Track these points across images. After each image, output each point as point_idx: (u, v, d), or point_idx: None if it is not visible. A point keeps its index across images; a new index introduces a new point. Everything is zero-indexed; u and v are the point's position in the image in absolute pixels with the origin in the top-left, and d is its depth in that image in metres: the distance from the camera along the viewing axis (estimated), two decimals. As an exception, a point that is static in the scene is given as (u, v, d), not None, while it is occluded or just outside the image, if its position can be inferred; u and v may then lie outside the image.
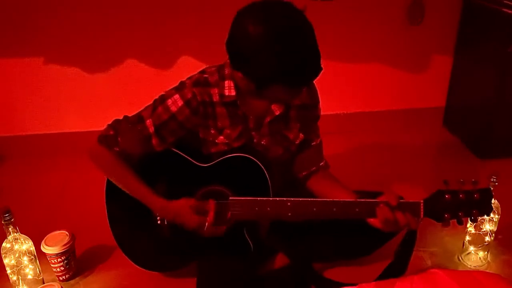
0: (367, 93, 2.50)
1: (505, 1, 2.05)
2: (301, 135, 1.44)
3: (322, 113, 1.51)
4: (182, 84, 1.33)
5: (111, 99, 2.30)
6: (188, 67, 2.23)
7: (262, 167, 1.30)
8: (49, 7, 2.08)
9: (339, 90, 2.45)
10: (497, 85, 2.13)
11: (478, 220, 1.45)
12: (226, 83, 1.31)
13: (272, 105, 1.36)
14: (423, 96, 2.55)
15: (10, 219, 1.36)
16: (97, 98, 2.30)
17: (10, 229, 1.38)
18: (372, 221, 1.26)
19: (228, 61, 1.32)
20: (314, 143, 1.48)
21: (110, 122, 1.36)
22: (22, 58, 2.17)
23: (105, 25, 2.16)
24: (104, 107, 2.30)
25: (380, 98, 2.53)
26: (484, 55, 2.23)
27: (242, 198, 1.29)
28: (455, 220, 1.21)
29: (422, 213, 1.21)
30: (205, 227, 1.29)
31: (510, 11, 2.01)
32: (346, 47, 2.37)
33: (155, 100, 1.34)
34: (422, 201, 1.21)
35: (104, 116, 2.17)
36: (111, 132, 1.33)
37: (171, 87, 1.35)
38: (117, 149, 1.32)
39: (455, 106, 2.53)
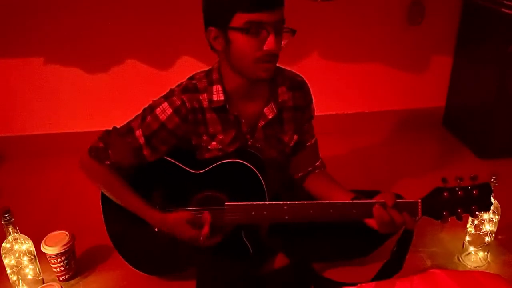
0: (367, 93, 2.51)
1: (505, 1, 2.05)
2: (295, 137, 1.44)
3: (322, 113, 1.51)
4: (171, 91, 1.33)
5: (111, 99, 2.31)
6: (187, 67, 2.23)
7: (256, 171, 1.29)
8: (49, 7, 2.08)
9: (339, 90, 2.45)
10: (497, 85, 2.13)
11: (478, 216, 1.45)
12: (214, 88, 1.30)
13: (265, 109, 1.35)
14: (423, 96, 2.56)
15: (10, 219, 1.36)
16: (97, 98, 2.30)
17: (10, 229, 1.38)
18: (369, 222, 1.26)
19: (215, 65, 1.32)
20: (309, 143, 1.48)
21: (99, 134, 1.34)
22: (22, 58, 2.18)
23: (105, 25, 2.16)
24: (104, 107, 2.30)
25: (380, 98, 2.53)
26: (484, 55, 2.23)
27: (238, 203, 1.28)
28: (454, 216, 1.20)
29: (420, 212, 1.21)
30: (201, 239, 1.29)
31: (510, 11, 2.01)
32: (346, 47, 2.37)
33: (144, 109, 1.33)
34: (420, 200, 1.20)
35: (104, 116, 2.19)
36: (101, 145, 1.31)
37: (170, 87, 1.35)
38: (108, 162, 1.31)
39: (455, 106, 2.53)
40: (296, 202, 1.25)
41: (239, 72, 1.26)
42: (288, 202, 1.25)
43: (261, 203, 1.27)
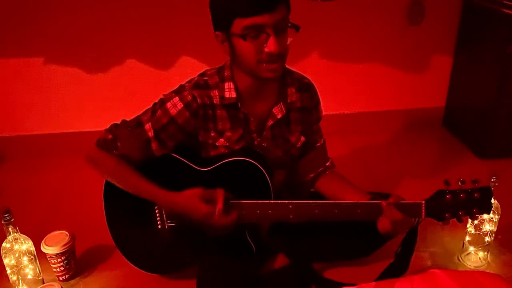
0: (367, 93, 2.51)
1: (505, 1, 2.05)
2: (303, 138, 1.44)
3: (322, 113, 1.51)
4: (181, 87, 1.33)
5: (111, 99, 2.30)
6: (188, 67, 2.25)
7: (263, 169, 1.29)
8: (49, 7, 2.08)
9: (339, 90, 2.45)
10: (497, 85, 2.13)
11: (478, 218, 1.46)
12: (226, 85, 1.30)
13: (274, 108, 1.35)
14: (423, 96, 2.56)
15: (10, 219, 1.36)
16: (97, 98, 2.30)
17: (10, 229, 1.38)
18: (382, 224, 1.25)
19: (227, 62, 1.32)
20: (319, 144, 1.49)
21: (107, 127, 1.34)
22: (22, 58, 2.17)
23: (105, 25, 2.16)
24: (104, 107, 2.30)
25: (380, 98, 2.53)
26: (484, 55, 2.23)
27: (243, 201, 1.28)
28: (455, 218, 1.22)
29: (423, 213, 1.22)
30: (216, 215, 1.22)
31: (510, 11, 2.01)
32: (346, 47, 2.37)
33: (155, 104, 1.33)
34: (423, 202, 1.22)
35: (104, 116, 2.18)
36: (110, 137, 1.31)
37: (171, 87, 1.35)
38: (117, 152, 1.31)
39: (455, 106, 2.53)
40: (302, 201, 1.26)
41: (247, 73, 1.26)
42: (294, 201, 1.26)
43: (266, 201, 1.28)
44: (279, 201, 1.27)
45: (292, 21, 1.20)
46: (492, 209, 1.46)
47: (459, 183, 1.20)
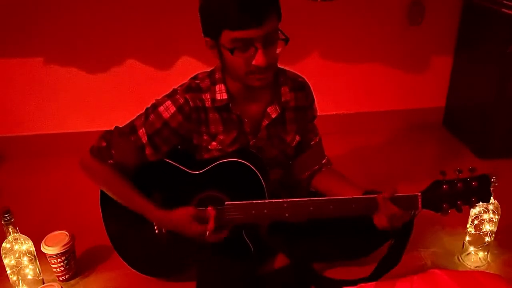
0: (367, 93, 2.51)
1: (505, 1, 2.05)
2: (298, 137, 1.43)
3: (322, 113, 1.51)
4: (173, 91, 1.33)
5: (111, 99, 2.31)
6: (188, 67, 2.25)
7: (256, 170, 1.28)
8: (49, 7, 2.08)
9: (339, 90, 2.45)
10: (497, 85, 2.13)
11: (476, 206, 1.45)
12: (218, 87, 1.30)
13: (268, 108, 1.35)
14: (423, 96, 2.56)
15: (10, 219, 1.36)
16: (97, 98, 2.30)
17: (10, 229, 1.38)
18: (379, 220, 1.24)
19: (218, 65, 1.32)
20: (314, 142, 1.49)
21: (101, 134, 1.33)
22: (22, 58, 2.17)
23: (105, 25, 2.16)
24: (104, 107, 2.30)
25: (380, 98, 2.53)
26: (484, 55, 2.23)
27: (238, 202, 1.28)
28: (454, 209, 1.21)
29: (420, 205, 1.21)
30: (207, 235, 1.27)
31: (510, 11, 2.02)
32: (346, 47, 2.37)
33: (147, 108, 1.33)
34: (419, 193, 1.21)
35: (104, 116, 2.18)
36: (103, 144, 1.30)
37: (171, 87, 1.35)
38: (111, 161, 1.30)
39: (455, 106, 2.53)
40: (296, 199, 1.25)
41: (237, 81, 1.26)
42: (288, 200, 1.25)
43: (261, 201, 1.27)
44: (274, 200, 1.26)
45: (292, 21, 1.19)
46: (492, 209, 1.47)
47: (456, 173, 1.18)
